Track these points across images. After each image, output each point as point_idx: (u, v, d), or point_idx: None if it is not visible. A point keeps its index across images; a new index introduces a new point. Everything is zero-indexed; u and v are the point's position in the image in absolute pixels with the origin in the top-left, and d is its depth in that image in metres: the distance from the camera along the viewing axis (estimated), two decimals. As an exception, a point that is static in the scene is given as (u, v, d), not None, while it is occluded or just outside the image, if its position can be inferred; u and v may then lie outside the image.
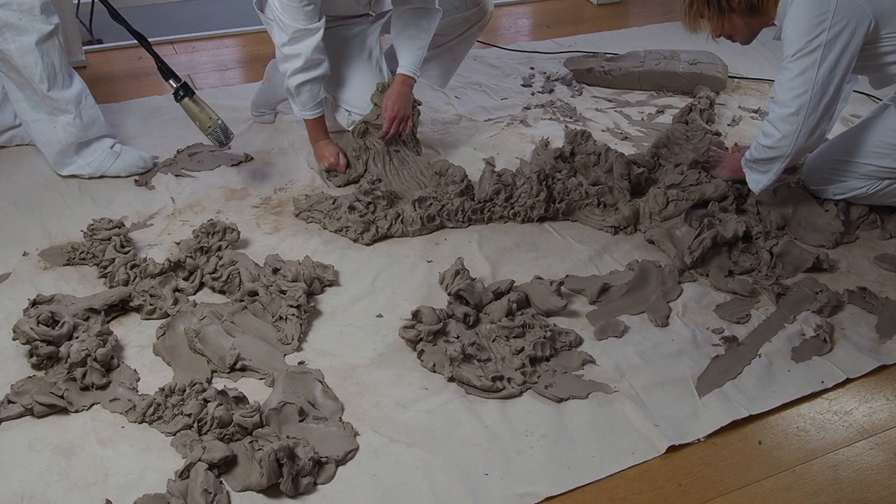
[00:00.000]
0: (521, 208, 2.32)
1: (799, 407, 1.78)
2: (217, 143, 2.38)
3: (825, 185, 2.29)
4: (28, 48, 2.27)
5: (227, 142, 2.39)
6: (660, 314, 1.99)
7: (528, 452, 1.63)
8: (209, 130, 2.36)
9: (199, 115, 2.35)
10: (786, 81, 2.09)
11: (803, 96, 2.07)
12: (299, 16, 2.27)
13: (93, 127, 2.45)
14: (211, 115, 2.35)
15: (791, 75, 2.07)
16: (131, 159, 2.50)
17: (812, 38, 2.02)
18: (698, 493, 1.58)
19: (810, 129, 2.11)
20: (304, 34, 2.30)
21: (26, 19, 2.24)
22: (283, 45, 2.33)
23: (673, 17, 3.95)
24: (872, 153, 2.21)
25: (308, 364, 1.82)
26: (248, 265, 2.05)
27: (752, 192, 2.32)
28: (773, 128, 2.14)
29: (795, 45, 2.04)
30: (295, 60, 2.33)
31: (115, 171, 2.48)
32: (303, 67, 2.34)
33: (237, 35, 3.63)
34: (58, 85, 2.36)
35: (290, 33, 2.29)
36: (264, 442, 1.57)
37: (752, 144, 2.29)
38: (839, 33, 2.01)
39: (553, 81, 3.23)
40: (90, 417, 1.67)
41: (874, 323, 2.01)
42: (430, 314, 1.86)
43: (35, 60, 2.29)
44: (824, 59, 2.03)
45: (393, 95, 2.45)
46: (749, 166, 2.29)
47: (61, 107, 2.38)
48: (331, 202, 2.32)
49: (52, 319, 1.80)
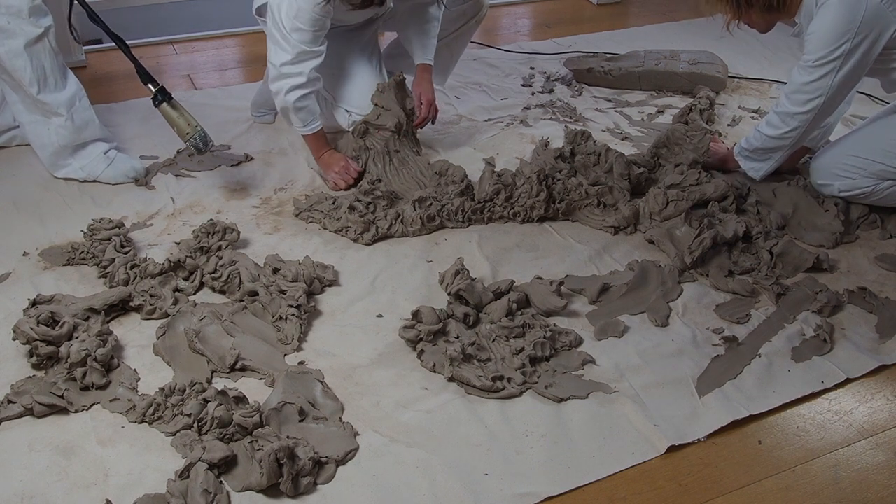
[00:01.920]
0: (521, 208, 2.32)
1: (799, 407, 1.78)
2: (195, 149, 2.33)
3: (832, 180, 2.29)
4: (17, 51, 2.25)
5: (206, 149, 2.34)
6: (660, 314, 1.99)
7: (528, 452, 1.63)
8: (187, 137, 2.31)
9: (177, 120, 2.31)
10: (803, 84, 2.16)
11: (818, 100, 2.16)
12: (308, 38, 2.26)
13: (85, 130, 2.43)
14: (190, 121, 2.31)
15: (809, 79, 2.14)
16: (123, 168, 2.47)
17: (836, 48, 2.07)
18: (698, 493, 1.58)
19: (815, 124, 2.23)
20: (309, 56, 2.29)
21: (14, 22, 2.23)
22: (283, 64, 2.30)
23: (673, 17, 3.96)
24: (887, 153, 2.22)
25: (308, 364, 1.82)
26: (248, 265, 2.05)
27: (752, 189, 2.34)
28: (782, 122, 2.23)
29: (819, 52, 2.09)
30: (296, 78, 2.31)
31: (105, 178, 2.46)
32: (303, 85, 2.32)
33: (237, 35, 3.63)
34: (49, 88, 2.34)
35: (295, 54, 2.27)
36: (264, 442, 1.57)
37: (748, 136, 2.36)
38: (861, 42, 2.06)
39: (553, 81, 3.23)
40: (90, 417, 1.68)
41: (874, 323, 2.01)
42: (430, 314, 1.86)
43: (24, 64, 2.27)
44: (843, 66, 2.09)
45: (424, 84, 2.53)
46: (746, 155, 2.37)
47: (52, 110, 2.36)
48: (331, 202, 2.32)
49: (52, 319, 1.80)
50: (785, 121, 2.22)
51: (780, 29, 2.30)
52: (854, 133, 2.37)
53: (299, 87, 2.32)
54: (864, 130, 2.34)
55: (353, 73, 2.54)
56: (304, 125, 2.42)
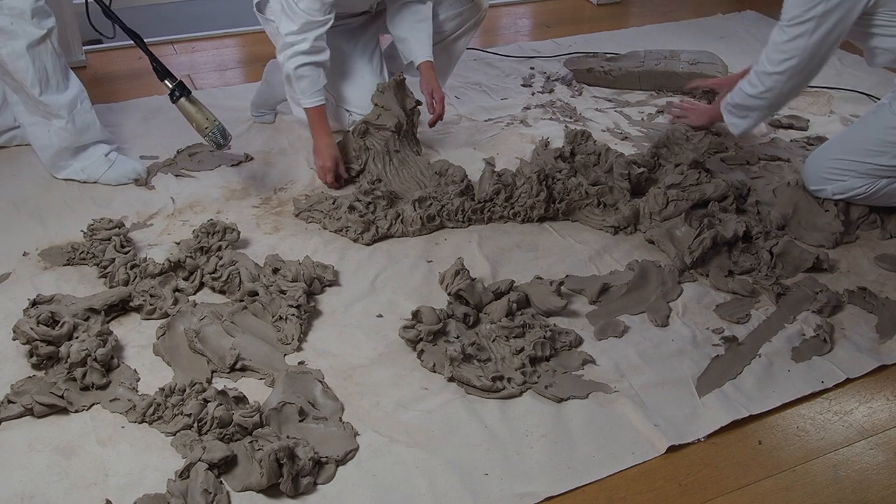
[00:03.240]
0: (521, 208, 2.32)
1: (799, 407, 1.78)
2: (214, 144, 2.32)
3: (824, 185, 2.30)
4: (19, 53, 2.25)
5: (225, 143, 2.32)
6: (660, 314, 1.99)
7: (528, 452, 1.63)
8: (206, 132, 2.29)
9: (195, 115, 2.29)
10: (779, 43, 2.20)
11: (791, 61, 2.19)
12: (315, 6, 2.28)
13: (87, 132, 2.43)
14: (208, 116, 2.29)
15: (785, 38, 2.17)
16: (124, 170, 2.47)
17: (810, 8, 2.09)
18: (698, 493, 1.58)
19: (793, 87, 2.27)
20: (314, 25, 2.31)
21: (17, 24, 2.23)
22: (289, 34, 2.31)
23: (673, 17, 3.96)
24: (870, 151, 2.22)
25: (308, 364, 1.82)
26: (248, 265, 2.05)
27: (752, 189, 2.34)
28: (759, 81, 2.29)
29: (794, 11, 2.13)
30: (300, 45, 2.31)
31: (106, 180, 2.46)
32: (307, 51, 2.32)
33: (237, 35, 3.63)
34: (51, 89, 2.33)
35: (301, 24, 2.29)
36: (264, 442, 1.57)
37: (734, 89, 2.41)
38: (837, 4, 2.07)
39: (553, 81, 3.23)
40: (90, 417, 1.67)
41: (874, 323, 2.01)
42: (430, 314, 1.86)
43: (26, 65, 2.27)
44: (817, 28, 2.12)
45: (432, 81, 2.52)
46: (729, 110, 2.44)
47: (54, 112, 2.36)
48: (331, 202, 2.32)
49: (52, 319, 1.80)
50: (762, 80, 2.27)
51: (779, 29, 2.30)
52: (839, 136, 2.39)
53: (302, 53, 2.32)
54: (847, 132, 2.38)
55: (354, 73, 2.54)
56: (304, 96, 2.39)
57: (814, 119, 2.95)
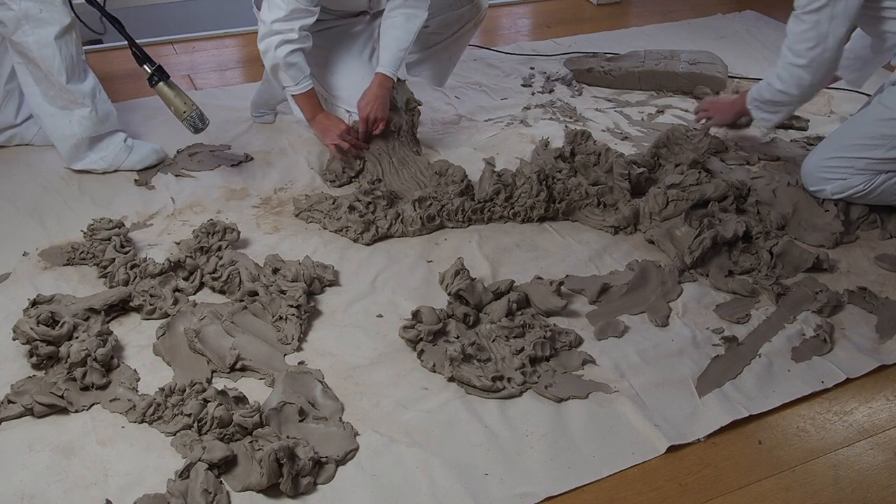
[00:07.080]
0: (521, 208, 2.32)
1: (799, 407, 1.78)
2: (192, 128, 2.35)
3: (822, 185, 2.30)
4: (46, 41, 2.26)
5: (203, 127, 2.36)
6: (660, 314, 1.99)
7: (528, 452, 1.63)
8: (184, 116, 2.33)
9: (173, 99, 2.32)
10: (800, 32, 2.17)
11: (815, 49, 2.16)
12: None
13: (107, 121, 2.47)
14: (186, 101, 2.32)
15: (804, 27, 2.15)
16: (145, 152, 2.52)
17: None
18: (698, 493, 1.58)
19: (823, 75, 2.24)
20: (302, 14, 2.29)
21: (47, 10, 2.24)
22: (275, 21, 2.28)
23: (673, 17, 3.96)
24: (864, 146, 2.22)
25: (308, 364, 1.82)
26: (248, 265, 2.05)
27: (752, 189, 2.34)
28: (787, 75, 2.25)
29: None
30: (287, 34, 2.30)
31: (129, 165, 2.50)
32: (294, 41, 2.31)
33: (237, 35, 3.63)
34: (76, 78, 2.36)
35: (289, 11, 2.27)
36: (264, 442, 1.57)
37: (760, 84, 2.37)
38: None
39: (553, 81, 3.23)
40: (90, 417, 1.68)
41: (874, 323, 2.01)
42: (430, 314, 1.86)
43: (53, 53, 2.28)
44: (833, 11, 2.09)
45: (368, 96, 2.41)
46: (757, 105, 2.40)
47: (78, 100, 2.38)
48: (331, 202, 2.32)
49: (52, 319, 1.80)
50: (790, 73, 2.24)
51: (779, 29, 2.31)
52: (833, 134, 2.38)
53: (290, 42, 2.31)
54: (840, 129, 2.37)
55: (353, 73, 2.54)
56: (296, 83, 2.39)
57: (814, 119, 2.95)
